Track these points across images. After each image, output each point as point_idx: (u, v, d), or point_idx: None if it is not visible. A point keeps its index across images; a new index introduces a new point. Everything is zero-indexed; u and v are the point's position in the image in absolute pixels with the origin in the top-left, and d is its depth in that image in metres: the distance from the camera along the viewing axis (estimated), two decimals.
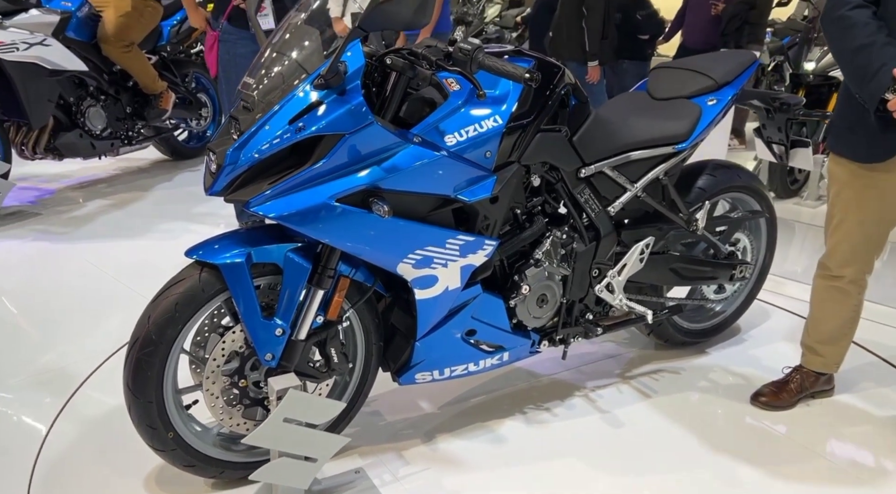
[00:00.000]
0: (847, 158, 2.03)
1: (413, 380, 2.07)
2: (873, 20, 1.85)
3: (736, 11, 5.68)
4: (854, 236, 2.10)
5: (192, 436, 1.82)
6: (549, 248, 2.10)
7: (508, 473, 2.04)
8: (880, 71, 1.77)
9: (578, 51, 5.44)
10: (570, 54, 5.51)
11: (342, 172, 1.65)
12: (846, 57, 1.88)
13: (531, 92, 1.91)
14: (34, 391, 2.38)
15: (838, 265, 2.16)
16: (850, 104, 1.95)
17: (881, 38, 1.81)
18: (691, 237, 2.43)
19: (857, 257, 2.13)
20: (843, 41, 1.88)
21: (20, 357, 2.58)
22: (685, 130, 2.26)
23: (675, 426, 2.26)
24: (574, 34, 5.43)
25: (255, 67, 1.71)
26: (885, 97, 1.77)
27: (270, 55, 1.70)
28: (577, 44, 5.41)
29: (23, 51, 3.78)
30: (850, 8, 1.87)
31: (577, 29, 5.42)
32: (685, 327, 2.66)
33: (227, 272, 1.70)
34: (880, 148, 1.94)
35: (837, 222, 2.12)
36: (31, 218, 4.04)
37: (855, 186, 2.04)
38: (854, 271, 2.14)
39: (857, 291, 2.18)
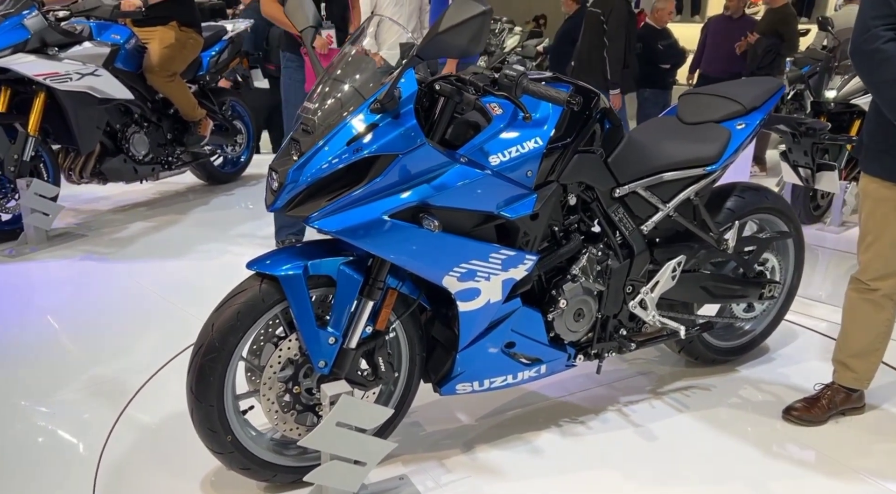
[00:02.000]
0: (881, 178, 2.13)
1: (454, 391, 2.15)
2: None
3: (769, 46, 5.80)
4: (887, 253, 2.18)
5: (248, 440, 1.92)
6: (586, 264, 2.20)
7: (545, 483, 2.10)
8: None
9: (600, 79, 5.58)
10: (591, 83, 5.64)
11: (395, 190, 1.77)
12: (884, 89, 1.99)
13: (569, 116, 2.02)
14: (89, 402, 2.49)
15: (872, 279, 2.24)
16: (883, 128, 2.05)
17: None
18: (721, 257, 2.51)
19: (891, 273, 2.20)
20: (880, 74, 1.98)
21: (72, 371, 2.70)
22: (715, 152, 2.36)
23: (708, 441, 2.32)
24: (596, 63, 5.58)
25: (315, 93, 1.84)
26: None
27: (328, 82, 1.83)
28: (599, 72, 5.56)
29: (76, 81, 3.99)
30: (883, 42, 1.97)
31: (598, 58, 5.57)
32: (715, 345, 2.73)
33: (285, 284, 1.81)
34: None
35: (871, 240, 2.20)
36: (77, 239, 4.20)
37: (888, 204, 2.13)
38: (888, 286, 2.22)
39: (891, 305, 2.25)
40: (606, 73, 5.51)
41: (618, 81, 5.50)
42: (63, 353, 2.88)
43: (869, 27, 1.99)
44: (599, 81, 5.58)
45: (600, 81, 5.57)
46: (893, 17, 1.97)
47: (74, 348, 2.94)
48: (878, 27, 1.99)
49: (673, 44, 6.60)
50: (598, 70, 5.55)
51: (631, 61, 5.63)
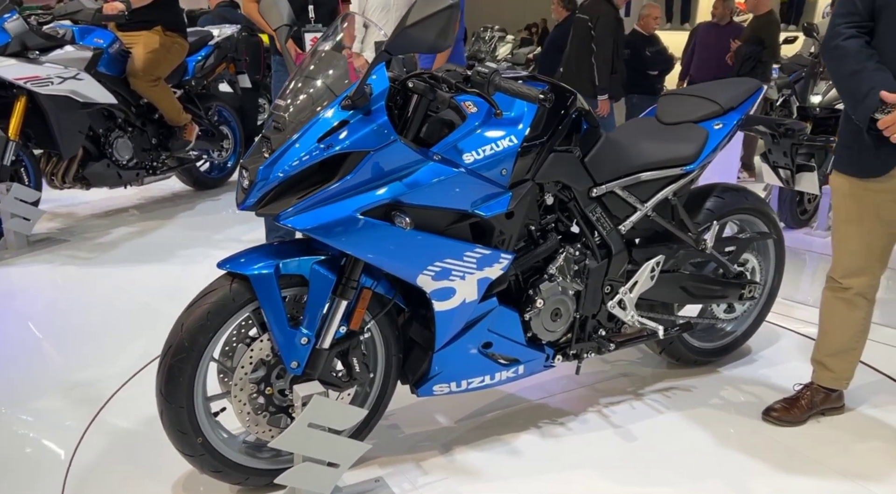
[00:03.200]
0: (846, 174, 2.14)
1: (431, 392, 2.13)
2: (865, 49, 2.01)
3: (750, 52, 5.84)
4: (856, 249, 2.18)
5: (219, 442, 1.89)
6: (563, 263, 2.18)
7: (524, 484, 2.08)
8: (869, 94, 1.94)
9: (588, 85, 5.61)
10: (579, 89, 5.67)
11: (367, 188, 1.76)
12: (842, 82, 2.05)
13: (545, 114, 2.02)
14: (63, 406, 2.46)
15: (843, 276, 2.24)
16: (849, 125, 2.08)
17: (871, 64, 1.97)
18: (701, 257, 2.50)
19: (861, 270, 2.20)
20: (839, 69, 2.05)
21: (48, 376, 2.67)
22: (693, 152, 2.36)
23: (688, 441, 2.30)
24: (584, 69, 5.60)
25: (286, 90, 1.83)
26: (875, 117, 1.93)
27: (300, 80, 1.82)
28: (587, 78, 5.58)
29: (57, 85, 3.96)
30: (844, 38, 2.05)
31: (586, 64, 5.59)
32: (696, 346, 2.72)
33: (256, 283, 1.79)
34: (874, 165, 2.06)
35: (840, 236, 2.21)
36: (59, 244, 4.17)
37: (854, 200, 2.15)
38: (859, 284, 2.21)
39: (864, 304, 2.25)
40: (594, 78, 5.53)
41: (606, 86, 5.52)
42: (41, 358, 2.85)
43: (835, 25, 2.06)
44: (588, 86, 5.60)
45: (588, 86, 5.60)
46: (857, 16, 2.04)
47: (52, 353, 2.91)
48: (841, 25, 2.06)
49: (661, 50, 6.63)
50: (587, 76, 5.57)
51: (619, 67, 5.65)
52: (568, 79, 5.79)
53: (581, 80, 5.63)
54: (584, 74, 5.60)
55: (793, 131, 2.63)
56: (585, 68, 5.58)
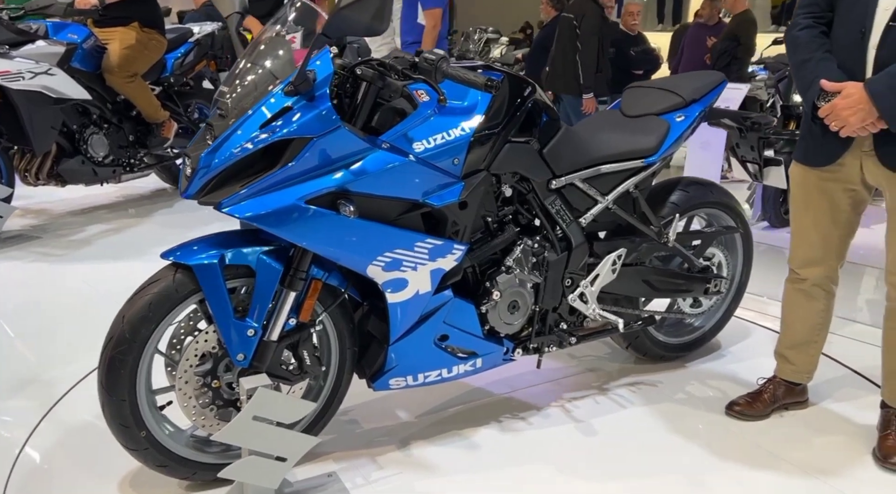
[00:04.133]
0: (801, 164, 2.15)
1: (387, 386, 2.10)
2: (817, 38, 2.02)
3: (724, 48, 5.84)
4: (811, 238, 2.18)
5: (164, 436, 1.86)
6: (520, 256, 2.16)
7: (479, 477, 2.06)
8: (813, 82, 1.96)
9: (574, 84, 5.60)
10: (565, 88, 5.69)
11: (312, 175, 1.73)
12: (794, 72, 2.07)
13: (499, 104, 1.99)
14: (17, 402, 2.42)
15: (800, 267, 2.23)
16: (805, 115, 2.07)
17: (818, 54, 1.99)
18: (663, 250, 2.48)
19: (817, 260, 2.19)
20: (792, 58, 2.08)
21: (7, 371, 2.63)
22: (653, 144, 2.34)
23: (648, 435, 2.28)
24: (569, 68, 5.60)
25: (231, 75, 1.80)
26: (817, 105, 1.94)
27: (245, 65, 1.79)
28: (573, 77, 5.58)
29: (28, 80, 3.93)
30: (799, 29, 2.07)
31: (571, 63, 5.58)
32: (663, 341, 2.69)
33: (199, 273, 1.76)
34: (822, 153, 2.06)
35: (796, 226, 2.21)
36: (31, 241, 4.14)
37: (807, 188, 2.14)
38: (816, 275, 2.20)
39: (823, 296, 2.23)
40: (579, 77, 5.52)
41: (591, 85, 5.51)
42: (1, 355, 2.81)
43: (796, 16, 2.07)
44: (573, 85, 5.60)
45: (574, 85, 5.59)
46: (816, 6, 2.05)
47: (10, 349, 2.87)
48: (800, 16, 2.08)
49: (646, 50, 6.62)
50: (572, 74, 5.56)
51: (604, 66, 5.65)
52: (554, 77, 5.78)
53: (567, 78, 5.63)
54: (569, 73, 5.60)
55: (759, 125, 2.61)
56: (571, 67, 5.58)
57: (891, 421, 2.14)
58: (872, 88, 1.86)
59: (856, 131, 1.92)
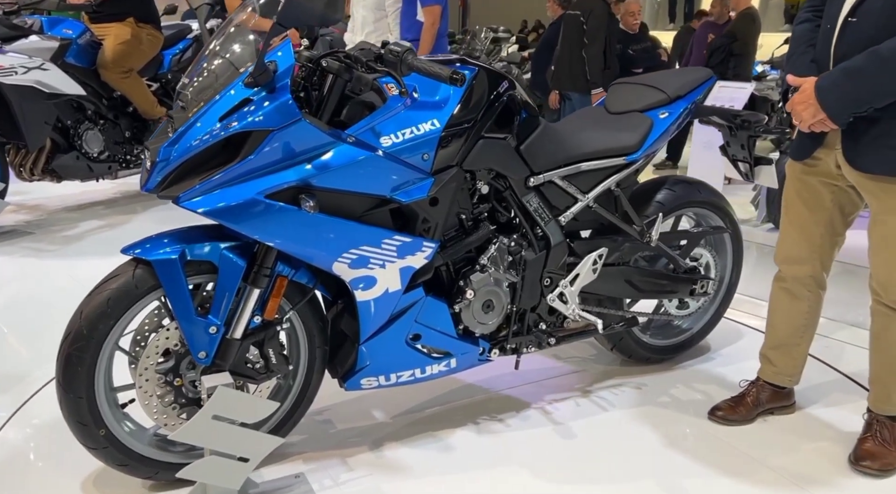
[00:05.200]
0: (791, 158, 2.12)
1: (359, 386, 2.06)
2: (807, 33, 1.99)
3: (720, 44, 5.75)
4: (793, 234, 2.13)
5: (125, 435, 1.83)
6: (496, 254, 2.11)
7: (451, 480, 2.01)
8: (786, 76, 1.96)
9: (581, 81, 5.54)
10: (573, 85, 5.63)
11: (273, 169, 1.69)
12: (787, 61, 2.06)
13: (472, 98, 1.94)
14: None
15: (782, 262, 2.19)
16: None
17: (801, 48, 1.97)
18: (646, 250, 2.42)
19: (799, 258, 2.14)
20: (790, 50, 2.06)
21: None
22: (635, 141, 2.28)
23: (629, 440, 2.22)
24: (576, 65, 5.53)
25: (194, 67, 1.76)
26: (788, 99, 1.93)
27: (208, 56, 1.75)
28: (580, 74, 5.52)
29: (21, 75, 3.92)
30: (798, 23, 2.05)
31: (578, 60, 5.52)
32: (649, 343, 2.63)
33: (159, 268, 1.73)
34: (800, 147, 2.04)
35: (783, 220, 2.18)
36: (23, 236, 4.13)
37: (792, 182, 2.12)
38: (799, 273, 2.15)
39: (807, 296, 2.17)
40: (586, 74, 5.46)
41: (598, 81, 5.45)
42: None
43: (800, 10, 2.06)
44: (581, 82, 5.53)
45: (582, 82, 5.53)
46: (817, 0, 2.01)
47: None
48: (804, 10, 2.05)
49: (646, 48, 6.55)
50: (580, 71, 5.51)
51: (611, 62, 5.58)
52: (560, 75, 5.71)
53: (574, 75, 5.57)
54: (576, 70, 5.54)
55: (749, 123, 2.54)
56: (577, 63, 5.52)
57: (872, 425, 2.07)
58: (819, 84, 1.84)
59: (812, 127, 1.88)
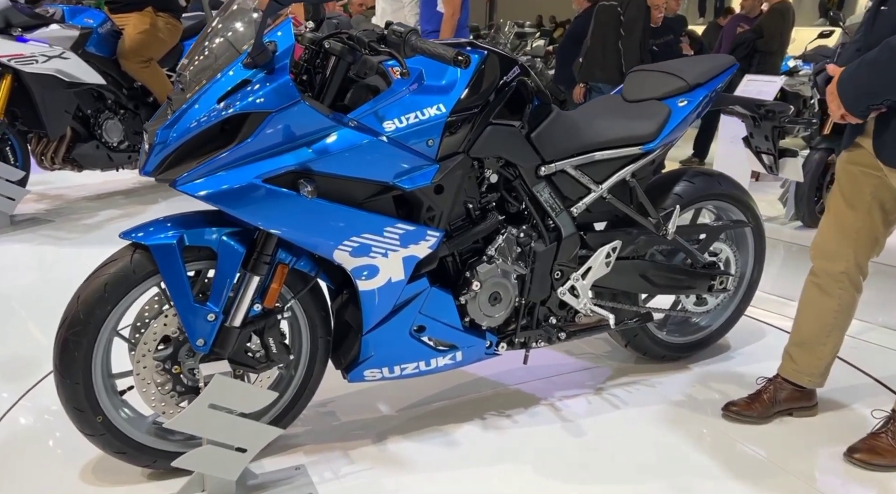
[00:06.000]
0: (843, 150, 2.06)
1: (362, 377, 2.02)
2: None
3: (742, 39, 5.59)
4: (830, 227, 2.07)
5: (123, 422, 1.80)
6: (504, 245, 2.04)
7: (453, 475, 1.96)
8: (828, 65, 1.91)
9: (615, 73, 5.42)
10: (606, 78, 5.52)
11: (272, 153, 1.64)
12: None
13: (480, 83, 1.88)
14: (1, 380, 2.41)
15: (815, 256, 2.12)
16: None
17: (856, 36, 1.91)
18: (664, 244, 2.34)
19: (833, 253, 2.06)
20: None
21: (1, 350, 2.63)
22: (652, 130, 2.20)
23: (639, 439, 2.15)
24: (610, 57, 5.41)
25: (194, 48, 1.73)
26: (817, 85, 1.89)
27: (208, 37, 1.71)
28: (613, 65, 5.41)
29: (42, 63, 3.95)
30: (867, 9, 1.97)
31: (613, 52, 5.39)
32: (665, 340, 2.55)
33: (157, 253, 1.70)
34: (846, 135, 1.99)
35: (825, 213, 2.11)
36: (43, 224, 4.16)
37: (837, 173, 2.06)
38: (831, 268, 2.07)
39: (838, 294, 2.07)
40: (622, 66, 5.35)
41: None
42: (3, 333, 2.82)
43: None
44: (615, 75, 5.41)
45: (615, 74, 5.41)
46: None
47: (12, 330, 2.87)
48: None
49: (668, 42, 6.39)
50: (614, 63, 5.39)
51: (645, 55, 5.46)
52: (590, 67, 5.57)
53: (607, 67, 5.44)
54: (610, 61, 5.41)
55: (774, 113, 2.44)
56: (612, 55, 5.39)
57: (888, 423, 1.98)
58: (840, 75, 1.79)
59: (842, 119, 1.84)
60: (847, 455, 2.00)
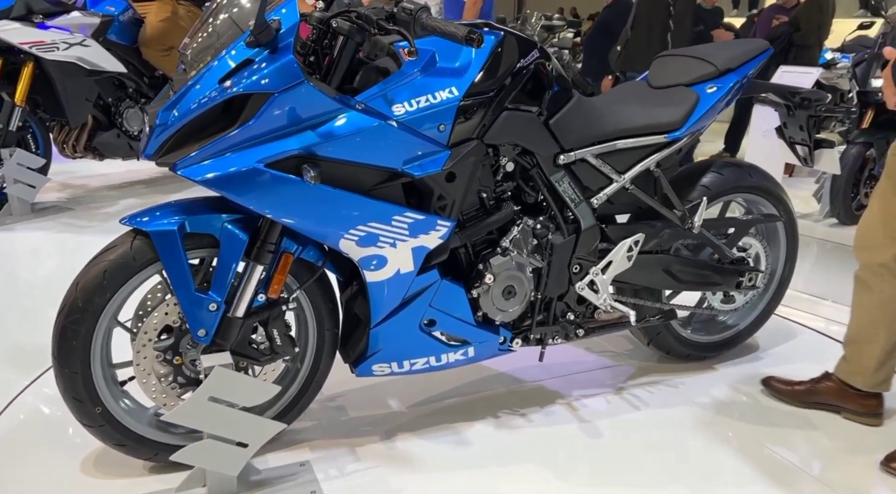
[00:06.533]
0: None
1: (370, 372, 1.95)
2: None
3: (780, 32, 5.39)
4: (873, 216, 1.97)
5: (123, 413, 1.75)
6: (519, 236, 1.95)
7: (462, 475, 1.88)
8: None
9: None
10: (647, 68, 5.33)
11: (274, 136, 1.57)
12: None
13: (496, 65, 1.79)
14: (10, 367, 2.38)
15: (857, 248, 2.03)
16: None
17: None
18: (689, 238, 2.22)
19: (873, 242, 1.96)
20: None
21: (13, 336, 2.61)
22: (678, 117, 2.09)
23: (659, 442, 2.04)
24: (655, 46, 5.22)
25: (196, 27, 1.66)
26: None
27: (212, 14, 1.65)
28: None
29: (63, 51, 3.94)
30: None
31: (658, 42, 5.21)
32: (689, 338, 2.44)
33: (157, 240, 1.64)
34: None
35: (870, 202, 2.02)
36: (64, 212, 4.17)
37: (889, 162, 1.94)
38: (869, 258, 1.97)
39: (880, 288, 1.96)
40: None
41: None
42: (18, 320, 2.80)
43: None
44: None
45: None
46: None
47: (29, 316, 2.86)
48: None
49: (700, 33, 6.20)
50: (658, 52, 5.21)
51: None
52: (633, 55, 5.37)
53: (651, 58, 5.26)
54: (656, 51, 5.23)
55: (810, 102, 2.31)
56: (657, 45, 5.21)
57: None
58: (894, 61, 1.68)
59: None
60: (884, 464, 1.88)
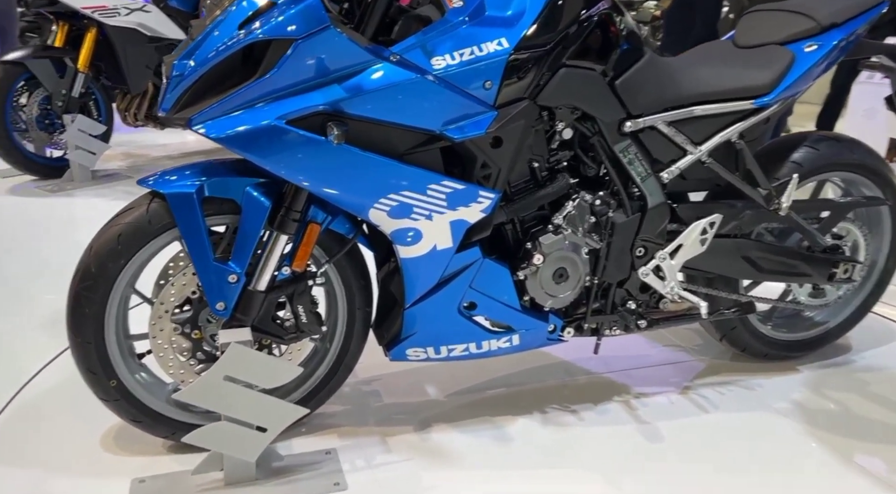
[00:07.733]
0: None
1: (404, 356, 1.78)
2: None
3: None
4: None
5: (139, 388, 1.64)
6: (574, 213, 1.73)
7: (501, 476, 1.69)
8: None
9: None
10: None
11: (297, 90, 1.41)
12: None
13: (555, 15, 1.56)
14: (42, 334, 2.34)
15: None
16: None
17: None
18: (775, 220, 1.94)
19: None
20: None
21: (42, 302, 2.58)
22: (768, 80, 1.80)
23: (730, 450, 1.80)
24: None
25: None
26: None
27: None
28: None
29: (124, 16, 3.92)
30: None
31: None
32: (769, 336, 2.16)
33: (173, 203, 1.52)
34: None
35: None
36: (121, 180, 4.17)
37: None
38: None
39: None
40: None
41: None
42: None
43: None
44: None
45: None
46: None
47: None
48: None
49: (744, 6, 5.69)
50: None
51: None
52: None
53: None
54: None
55: None
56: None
57: None
58: None
59: None
60: None
